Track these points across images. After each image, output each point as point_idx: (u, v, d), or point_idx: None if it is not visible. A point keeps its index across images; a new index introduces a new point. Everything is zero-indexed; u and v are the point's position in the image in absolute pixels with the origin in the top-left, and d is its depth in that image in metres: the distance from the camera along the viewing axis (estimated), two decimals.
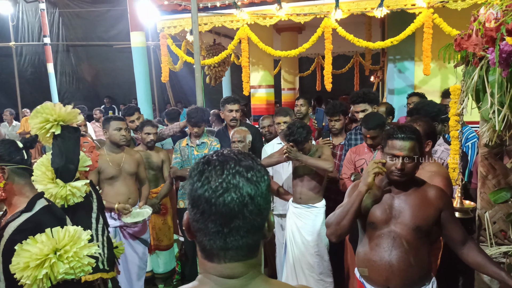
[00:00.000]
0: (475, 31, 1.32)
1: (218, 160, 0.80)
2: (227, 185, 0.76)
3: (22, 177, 1.73)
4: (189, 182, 0.81)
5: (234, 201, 0.76)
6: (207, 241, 0.79)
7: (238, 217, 0.77)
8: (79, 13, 13.26)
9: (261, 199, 0.79)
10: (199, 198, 0.77)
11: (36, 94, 12.21)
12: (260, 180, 0.80)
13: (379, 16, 4.26)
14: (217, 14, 4.84)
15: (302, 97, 4.28)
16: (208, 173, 0.78)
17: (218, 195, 0.76)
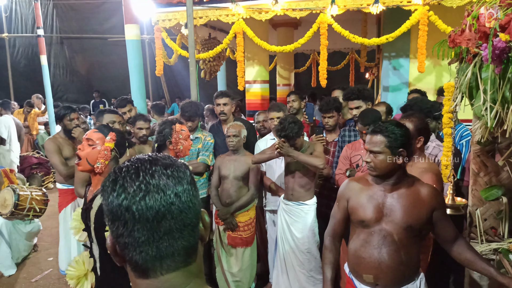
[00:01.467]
0: (468, 26, 1.31)
1: (131, 165, 0.74)
2: (146, 186, 0.70)
3: (115, 162, 2.08)
4: (104, 197, 0.73)
5: (159, 201, 0.69)
6: (138, 255, 0.71)
7: (167, 218, 0.70)
8: (74, 5, 13.13)
9: (188, 195, 0.73)
10: (118, 209, 0.70)
11: (30, 86, 12.09)
12: (183, 176, 0.74)
13: (375, 13, 4.25)
14: (213, 8, 4.81)
15: (293, 93, 4.27)
16: (122, 180, 0.71)
17: (138, 200, 0.69)
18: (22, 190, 3.98)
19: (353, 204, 1.93)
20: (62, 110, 3.61)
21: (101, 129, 2.09)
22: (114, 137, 2.06)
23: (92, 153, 1.99)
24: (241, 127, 3.30)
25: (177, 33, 5.89)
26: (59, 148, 3.58)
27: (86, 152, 2.00)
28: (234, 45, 5.55)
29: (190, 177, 0.76)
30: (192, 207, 0.74)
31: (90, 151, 2.00)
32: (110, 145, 2.04)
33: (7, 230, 4.09)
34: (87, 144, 2.01)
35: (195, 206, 0.75)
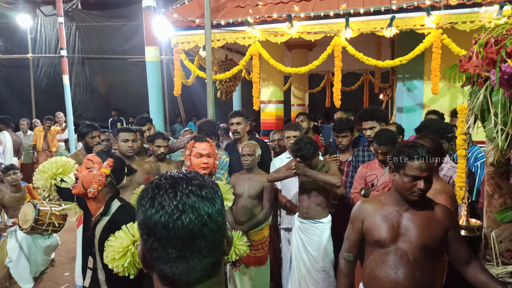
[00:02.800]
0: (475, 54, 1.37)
1: (168, 183, 0.78)
2: (183, 206, 0.74)
3: (110, 188, 2.10)
4: (140, 211, 0.78)
5: (193, 221, 0.74)
6: (168, 268, 0.76)
7: (199, 237, 0.75)
8: (95, 27, 13.62)
9: (218, 215, 0.78)
10: (154, 225, 0.74)
11: (51, 104, 12.47)
12: (215, 196, 0.79)
13: (389, 36, 4.33)
14: (230, 31, 4.96)
15: (301, 114, 4.45)
16: (160, 197, 0.76)
17: (175, 219, 0.73)
18: (42, 206, 4.09)
19: (368, 224, 1.95)
20: (84, 128, 3.75)
21: (101, 154, 2.11)
22: (111, 163, 2.07)
23: (88, 176, 2.02)
24: (255, 146, 3.37)
25: (195, 54, 6.07)
26: (79, 164, 3.70)
27: (83, 174, 2.03)
28: (250, 66, 5.69)
29: (221, 198, 0.82)
30: (221, 227, 0.79)
31: (86, 173, 2.03)
32: (106, 171, 2.04)
33: (27, 245, 4.20)
34: (85, 167, 2.05)
35: (223, 226, 0.80)
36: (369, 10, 4.31)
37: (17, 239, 4.16)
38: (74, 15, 13.61)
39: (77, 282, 3.90)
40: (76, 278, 3.90)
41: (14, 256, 4.12)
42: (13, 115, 12.14)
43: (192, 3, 5.23)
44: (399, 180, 1.89)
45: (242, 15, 4.95)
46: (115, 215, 2.00)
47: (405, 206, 1.90)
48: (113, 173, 2.07)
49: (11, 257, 4.14)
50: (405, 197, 1.89)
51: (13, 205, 4.39)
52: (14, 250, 4.14)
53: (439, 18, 4.13)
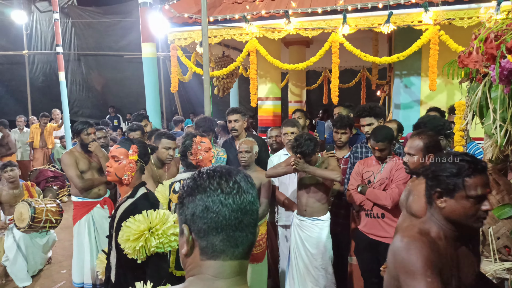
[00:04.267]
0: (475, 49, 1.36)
1: (222, 171, 0.92)
2: (238, 187, 0.88)
3: (140, 172, 2.22)
4: (199, 191, 0.88)
5: (246, 200, 0.88)
6: (219, 241, 0.86)
7: (248, 213, 0.88)
8: (91, 24, 13.53)
9: (256, 199, 0.92)
10: (213, 202, 0.86)
11: (46, 101, 12.41)
12: (254, 185, 0.94)
13: (386, 32, 4.32)
14: (227, 27, 4.93)
15: (298, 111, 4.46)
16: (219, 179, 0.89)
17: (233, 195, 0.87)
18: (37, 203, 4.08)
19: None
20: (79, 125, 3.73)
21: (123, 143, 2.20)
22: (136, 149, 2.18)
23: (119, 168, 2.14)
24: (253, 143, 3.36)
25: (192, 51, 6.04)
26: (75, 161, 3.68)
27: (114, 167, 2.15)
28: (247, 63, 5.67)
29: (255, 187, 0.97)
30: (257, 209, 0.93)
31: (117, 166, 2.14)
32: (134, 158, 2.15)
33: (24, 244, 4.17)
34: (113, 161, 2.16)
35: (258, 210, 0.94)
36: (367, 6, 4.30)
37: (15, 238, 4.14)
38: (70, 12, 13.51)
39: (74, 280, 3.89)
40: (73, 276, 3.88)
41: (11, 255, 4.10)
42: (9, 112, 12.12)
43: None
44: (457, 206, 1.44)
45: (239, 11, 4.92)
46: (139, 199, 2.10)
47: (459, 241, 1.49)
48: (140, 157, 2.20)
49: (7, 256, 4.12)
50: (467, 226, 1.46)
51: (10, 202, 4.37)
52: (11, 249, 4.12)
53: (436, 14, 4.12)
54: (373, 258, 3.00)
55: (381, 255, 2.88)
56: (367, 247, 3.06)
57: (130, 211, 2.01)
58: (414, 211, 2.44)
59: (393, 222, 2.89)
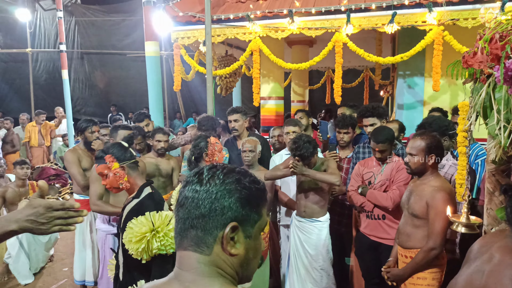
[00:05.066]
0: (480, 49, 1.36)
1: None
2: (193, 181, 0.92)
3: (134, 170, 2.21)
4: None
5: (183, 194, 0.92)
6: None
7: (184, 207, 0.91)
8: (95, 22, 13.56)
9: (206, 195, 0.90)
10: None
11: (49, 99, 12.46)
12: (227, 183, 0.91)
13: (390, 32, 4.31)
14: (230, 26, 4.93)
15: (300, 111, 4.47)
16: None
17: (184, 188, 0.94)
18: None
19: None
20: (84, 123, 3.74)
21: (98, 160, 2.22)
22: (111, 158, 2.17)
23: (111, 181, 2.17)
24: (256, 142, 3.35)
25: (195, 49, 6.04)
26: (78, 159, 3.69)
27: (107, 182, 2.18)
28: (250, 62, 5.66)
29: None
30: (203, 204, 0.91)
31: (108, 181, 2.17)
32: (115, 166, 2.13)
33: (27, 241, 4.19)
34: (103, 178, 2.19)
35: None
36: (371, 6, 4.28)
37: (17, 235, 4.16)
38: (74, 10, 13.54)
39: (75, 278, 3.90)
40: (75, 274, 3.90)
41: (14, 252, 4.12)
42: (12, 110, 12.17)
43: None
44: None
45: (242, 10, 4.92)
46: (144, 199, 2.11)
47: None
48: (120, 160, 2.18)
49: (10, 253, 4.13)
50: None
51: (15, 200, 4.39)
52: (14, 246, 4.14)
53: (440, 15, 4.11)
54: (374, 259, 2.99)
55: (382, 256, 2.87)
56: (368, 248, 3.05)
57: (135, 211, 2.03)
58: (416, 212, 2.44)
59: (394, 223, 2.89)
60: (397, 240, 2.61)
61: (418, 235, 2.44)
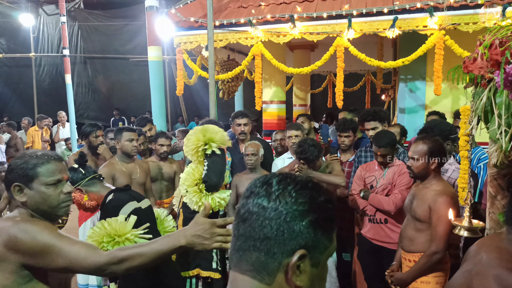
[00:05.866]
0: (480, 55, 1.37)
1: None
2: (253, 189, 0.84)
3: (92, 185, 2.29)
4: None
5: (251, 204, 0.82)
6: None
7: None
8: (98, 27, 13.64)
9: (275, 216, 0.81)
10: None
11: (52, 104, 12.50)
12: (283, 199, 0.82)
13: (391, 37, 4.33)
14: (232, 31, 4.97)
15: (302, 115, 4.49)
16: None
17: (246, 196, 0.84)
18: None
19: None
20: (88, 128, 3.77)
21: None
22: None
23: (78, 205, 2.28)
24: (259, 146, 3.37)
25: (198, 54, 6.08)
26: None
27: (78, 207, 2.30)
28: (252, 67, 5.70)
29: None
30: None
31: (77, 206, 2.28)
32: (70, 189, 2.02)
33: None
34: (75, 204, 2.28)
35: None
36: (372, 11, 4.31)
37: None
38: (77, 15, 13.62)
39: (79, 281, 3.90)
40: (78, 277, 3.90)
41: None
42: (15, 114, 12.22)
43: (195, 3, 5.24)
44: None
45: (244, 15, 4.95)
46: (104, 209, 2.15)
47: None
48: (73, 183, 2.25)
49: None
50: None
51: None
52: None
53: (441, 19, 4.13)
54: (377, 263, 3.00)
55: (384, 260, 2.88)
56: (370, 252, 3.05)
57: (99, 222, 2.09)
58: (418, 216, 2.45)
59: (397, 227, 2.89)
60: (400, 244, 2.61)
61: (421, 239, 2.44)
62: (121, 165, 3.28)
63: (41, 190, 1.49)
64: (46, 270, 1.43)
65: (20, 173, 1.47)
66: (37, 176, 1.48)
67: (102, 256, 1.40)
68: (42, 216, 1.52)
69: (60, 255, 1.38)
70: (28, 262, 1.39)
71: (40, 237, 1.39)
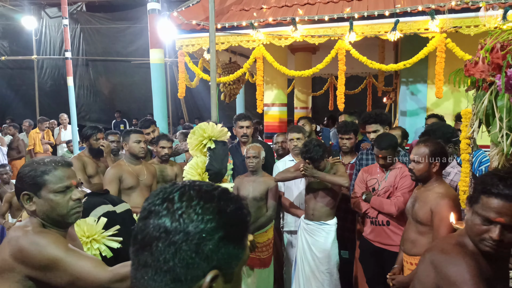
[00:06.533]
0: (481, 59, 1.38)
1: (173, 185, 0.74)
2: (150, 207, 0.70)
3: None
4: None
5: (149, 227, 0.68)
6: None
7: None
8: (100, 29, 13.69)
9: (183, 238, 0.66)
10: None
11: (54, 106, 12.55)
12: (189, 218, 0.67)
13: (393, 40, 4.34)
14: (234, 34, 4.98)
15: (303, 118, 4.53)
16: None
17: (142, 217, 0.70)
18: None
19: None
20: (89, 130, 3.78)
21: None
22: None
23: None
24: (260, 149, 3.38)
25: (199, 57, 6.10)
26: (83, 166, 3.72)
27: None
28: (254, 69, 5.71)
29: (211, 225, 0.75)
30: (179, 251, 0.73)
31: None
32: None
33: None
34: None
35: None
36: (373, 14, 4.32)
37: None
38: (79, 17, 13.68)
39: None
40: None
41: None
42: (17, 116, 12.25)
43: (197, 6, 5.26)
44: (468, 218, 1.41)
45: (246, 18, 4.97)
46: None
47: (493, 264, 1.38)
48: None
49: None
50: (474, 243, 1.40)
51: (19, 205, 4.41)
52: None
53: (443, 22, 4.14)
54: (378, 265, 3.00)
55: (386, 262, 2.88)
56: (372, 254, 3.06)
57: None
58: (420, 219, 2.44)
59: (399, 229, 2.89)
60: (402, 247, 2.61)
61: (423, 242, 2.44)
62: (129, 166, 3.30)
63: (49, 198, 1.46)
64: (50, 284, 1.40)
65: (28, 181, 1.45)
66: (45, 183, 1.45)
67: (106, 273, 1.38)
68: (53, 225, 1.49)
69: (65, 271, 1.37)
70: (33, 275, 1.38)
71: (47, 252, 1.37)
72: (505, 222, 1.29)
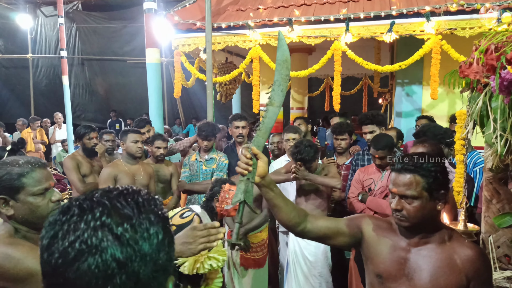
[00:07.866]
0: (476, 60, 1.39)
1: (80, 207, 0.58)
2: (81, 245, 0.55)
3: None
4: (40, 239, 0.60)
5: (92, 269, 0.54)
6: None
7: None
8: (96, 29, 13.63)
9: (142, 262, 0.57)
10: (44, 264, 0.57)
11: (49, 105, 12.47)
12: (140, 237, 0.58)
13: (388, 41, 4.36)
14: (230, 34, 4.98)
15: (299, 118, 4.51)
16: (59, 226, 0.57)
17: (68, 261, 0.54)
18: None
19: (370, 248, 1.57)
20: (82, 129, 3.75)
21: None
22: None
23: None
24: None
25: (196, 57, 6.09)
26: (77, 165, 3.70)
27: None
28: (250, 69, 5.71)
29: (160, 236, 0.66)
30: (142, 278, 0.63)
31: None
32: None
33: None
34: None
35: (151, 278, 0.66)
36: (369, 15, 4.34)
37: None
38: (75, 16, 13.61)
39: None
40: None
41: None
42: (12, 115, 12.19)
43: (193, 6, 5.26)
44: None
45: (243, 18, 4.97)
46: None
47: (415, 238, 1.50)
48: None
49: None
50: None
51: None
52: None
53: (438, 24, 4.16)
54: None
55: None
56: None
57: None
58: None
59: None
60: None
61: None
62: (126, 166, 3.30)
63: (28, 201, 1.39)
64: None
65: (4, 185, 1.36)
66: (23, 186, 1.37)
67: None
68: (31, 228, 1.41)
69: (38, 282, 1.33)
70: (6, 285, 1.31)
71: (23, 264, 1.29)
72: (397, 192, 1.46)
